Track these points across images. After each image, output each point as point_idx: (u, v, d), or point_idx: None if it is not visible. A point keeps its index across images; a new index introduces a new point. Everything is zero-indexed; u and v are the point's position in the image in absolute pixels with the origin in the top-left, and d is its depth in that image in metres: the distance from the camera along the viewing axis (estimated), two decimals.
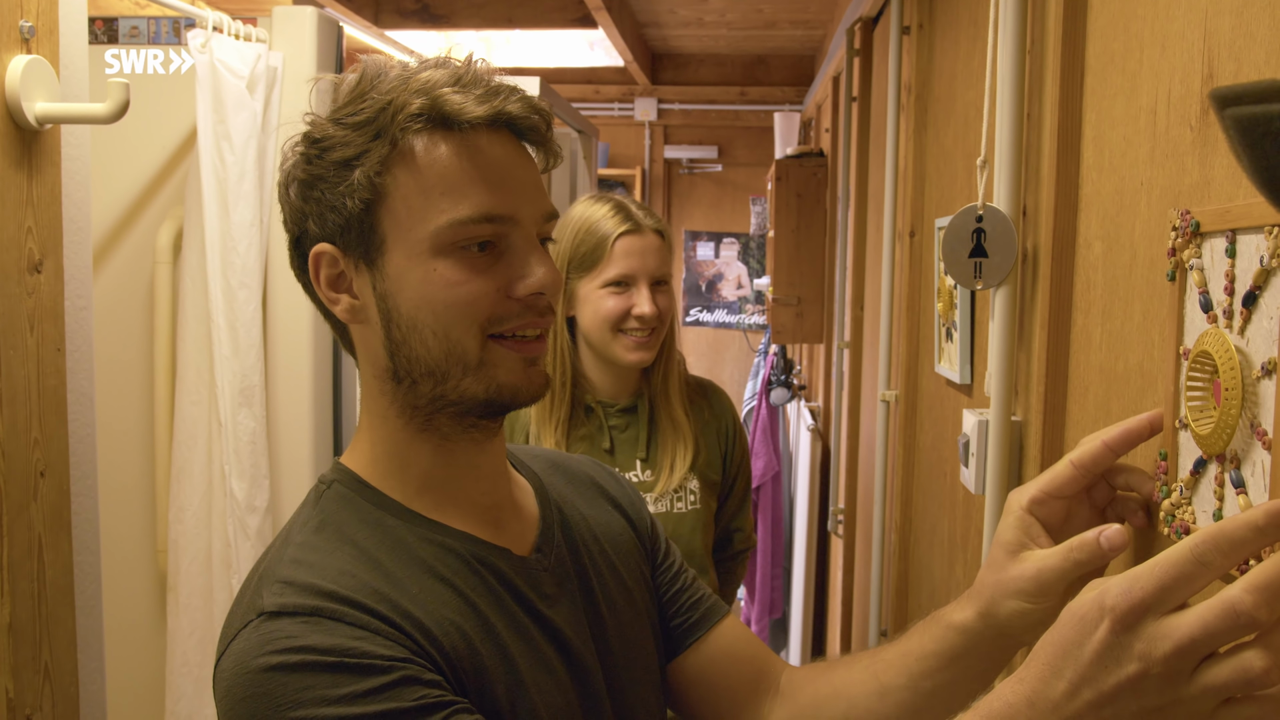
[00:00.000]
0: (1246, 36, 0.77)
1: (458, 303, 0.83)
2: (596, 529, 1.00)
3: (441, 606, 0.82)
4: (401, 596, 0.80)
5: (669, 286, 1.72)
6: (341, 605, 0.77)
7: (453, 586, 0.84)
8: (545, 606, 0.89)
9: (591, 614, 0.94)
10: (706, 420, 1.81)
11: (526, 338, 0.87)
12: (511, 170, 0.86)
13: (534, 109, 0.88)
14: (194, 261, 2.19)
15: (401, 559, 0.84)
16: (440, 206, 0.83)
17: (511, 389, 0.86)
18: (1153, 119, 0.94)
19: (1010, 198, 1.21)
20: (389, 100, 0.83)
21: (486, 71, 0.88)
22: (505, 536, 0.91)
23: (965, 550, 1.58)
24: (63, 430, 1.44)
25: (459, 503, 0.90)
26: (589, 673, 0.91)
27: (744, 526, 1.87)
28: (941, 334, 1.69)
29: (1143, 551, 0.93)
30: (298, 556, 0.82)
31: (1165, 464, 0.86)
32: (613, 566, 0.99)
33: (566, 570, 0.94)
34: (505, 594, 0.87)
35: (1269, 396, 0.70)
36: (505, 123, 0.86)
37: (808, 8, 4.13)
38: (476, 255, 0.84)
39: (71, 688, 1.47)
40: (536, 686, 0.85)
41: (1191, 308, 0.82)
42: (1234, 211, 0.75)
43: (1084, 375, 1.10)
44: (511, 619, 0.86)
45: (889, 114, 2.10)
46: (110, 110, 1.33)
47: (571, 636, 0.90)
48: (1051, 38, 1.15)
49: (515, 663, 0.84)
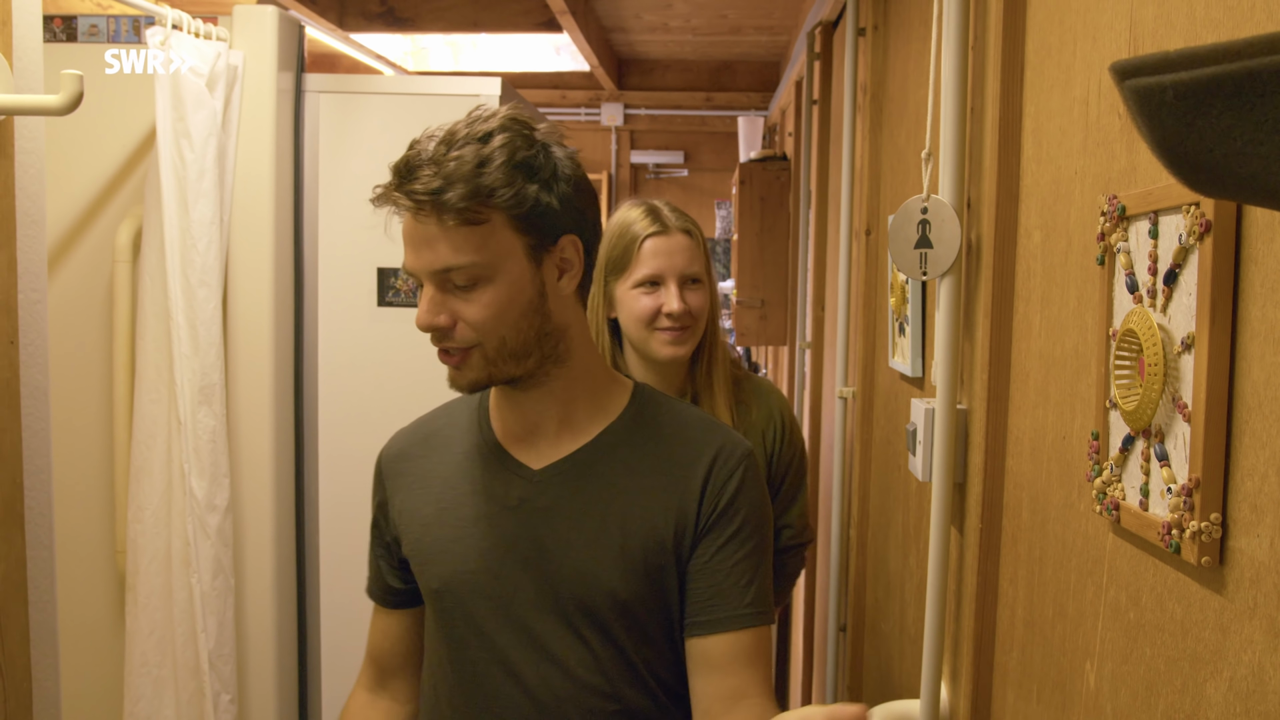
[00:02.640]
0: (1167, 25, 0.80)
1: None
2: (621, 484, 1.20)
3: (436, 470, 1.25)
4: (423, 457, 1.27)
5: (703, 284, 1.76)
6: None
7: (451, 465, 1.25)
8: (512, 501, 1.20)
9: (544, 528, 1.19)
10: (753, 419, 1.83)
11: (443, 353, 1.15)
12: (410, 234, 1.12)
13: (429, 178, 1.08)
14: (153, 260, 2.18)
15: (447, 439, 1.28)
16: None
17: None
18: (1085, 109, 0.96)
19: (954, 190, 1.24)
20: None
21: (425, 152, 1.10)
22: (530, 452, 1.22)
23: (918, 542, 1.61)
24: (16, 423, 1.44)
25: (511, 420, 1.23)
26: (509, 557, 1.19)
27: (793, 523, 1.88)
28: (895, 329, 1.71)
29: (1076, 539, 0.95)
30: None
31: (1097, 443, 0.89)
32: (607, 508, 1.19)
33: (558, 488, 1.20)
34: (486, 485, 1.22)
35: (1189, 370, 0.73)
36: (397, 203, 1.10)
37: (772, 14, 4.17)
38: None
39: (25, 684, 1.46)
40: (463, 539, 1.20)
41: (1119, 289, 0.85)
42: (1155, 193, 0.78)
43: (1025, 362, 1.13)
44: (481, 499, 1.21)
45: (845, 115, 2.13)
46: (62, 102, 1.33)
47: (511, 530, 1.19)
48: (993, 33, 1.18)
49: (457, 524, 1.21)
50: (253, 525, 2.37)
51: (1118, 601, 0.87)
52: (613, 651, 1.18)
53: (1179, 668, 0.75)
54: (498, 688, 1.19)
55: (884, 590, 1.89)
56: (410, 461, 1.28)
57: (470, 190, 1.06)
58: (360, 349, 2.50)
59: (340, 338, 2.50)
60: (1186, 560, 0.72)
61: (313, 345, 2.50)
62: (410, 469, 1.28)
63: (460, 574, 1.20)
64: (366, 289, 2.49)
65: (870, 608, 2.03)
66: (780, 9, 4.07)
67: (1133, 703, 0.83)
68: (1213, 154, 0.51)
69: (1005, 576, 1.18)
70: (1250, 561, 0.67)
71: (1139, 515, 0.80)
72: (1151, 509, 0.78)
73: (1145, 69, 0.51)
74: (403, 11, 3.90)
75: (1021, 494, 1.13)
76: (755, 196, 3.81)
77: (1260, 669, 0.65)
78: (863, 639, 2.09)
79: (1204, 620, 0.72)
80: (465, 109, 1.18)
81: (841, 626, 2.19)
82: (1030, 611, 1.09)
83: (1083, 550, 0.95)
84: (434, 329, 1.11)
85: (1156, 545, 0.77)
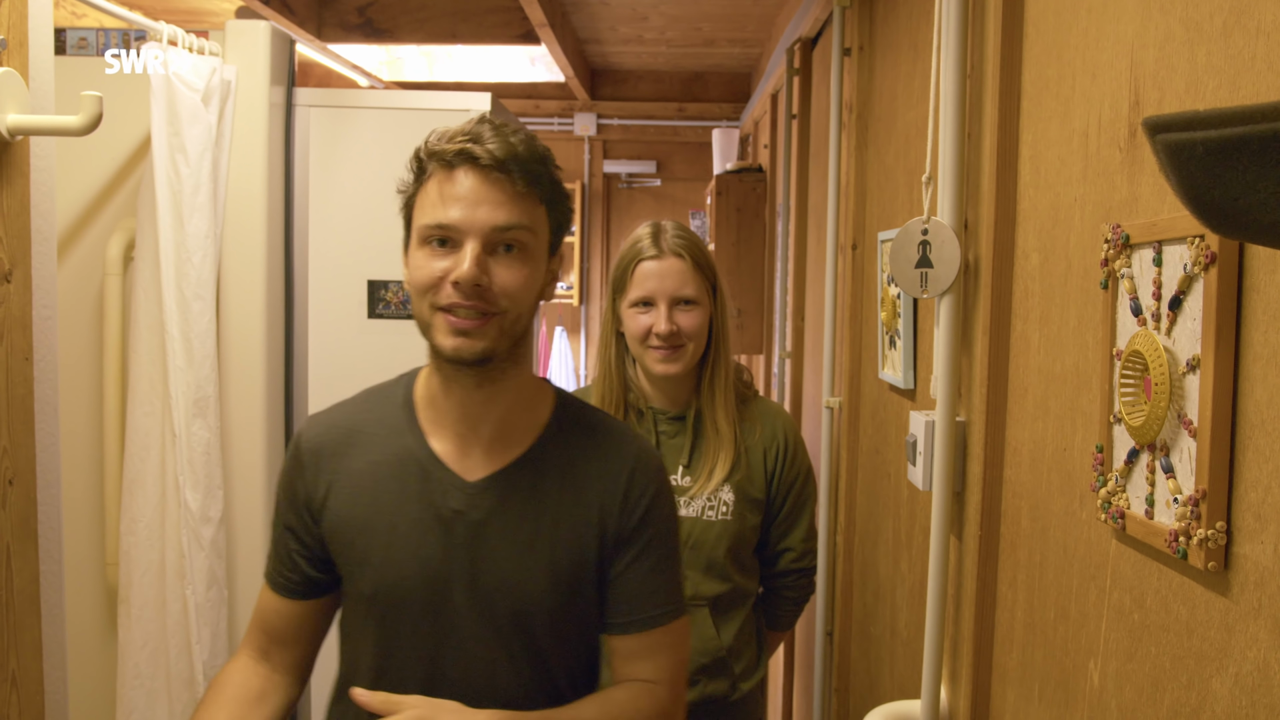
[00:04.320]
0: (1168, 69, 0.86)
1: (418, 283, 1.17)
2: (552, 497, 1.26)
3: (362, 470, 1.25)
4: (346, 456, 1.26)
5: (699, 305, 1.81)
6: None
7: (382, 468, 1.25)
8: (447, 513, 1.23)
9: (479, 541, 1.23)
10: (755, 439, 1.88)
11: (456, 315, 1.15)
12: (467, 193, 1.16)
13: (499, 148, 1.16)
14: (147, 273, 2.19)
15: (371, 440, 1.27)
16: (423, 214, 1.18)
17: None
18: (1085, 140, 1.02)
19: (953, 212, 1.30)
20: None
21: (482, 124, 1.18)
22: (463, 461, 1.24)
23: (910, 547, 1.67)
24: (30, 439, 1.45)
25: (444, 424, 1.25)
26: (444, 568, 1.22)
27: (795, 547, 1.91)
28: (885, 341, 1.77)
29: (1078, 546, 1.01)
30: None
31: (1101, 455, 0.94)
32: (538, 521, 1.25)
33: (493, 501, 1.23)
34: (420, 493, 1.23)
35: (1194, 390, 0.78)
36: (468, 158, 1.16)
37: (745, 27, 4.24)
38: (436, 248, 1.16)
39: (37, 695, 1.48)
40: (398, 547, 1.22)
41: (1123, 312, 0.91)
42: (1160, 225, 0.84)
43: (1023, 377, 1.19)
44: (414, 507, 1.24)
45: (831, 132, 2.19)
46: (83, 123, 1.35)
47: (445, 541, 1.22)
48: (990, 64, 1.24)
49: (391, 530, 1.23)
50: (244, 536, 2.38)
51: (1121, 604, 0.93)
52: (535, 661, 1.25)
53: (1184, 665, 0.81)
54: (418, 691, 1.23)
55: (873, 595, 1.95)
56: (334, 459, 1.28)
57: (537, 168, 1.19)
58: (351, 360, 2.52)
59: (331, 349, 2.52)
60: (1193, 565, 0.78)
61: (303, 357, 2.52)
62: (335, 467, 1.27)
63: (395, 582, 1.23)
64: (357, 301, 2.51)
65: (858, 612, 2.09)
66: (754, 23, 4.14)
67: (1138, 698, 0.89)
68: (1237, 203, 0.56)
69: (1004, 581, 1.24)
70: (1255, 566, 0.72)
71: (1145, 523, 0.86)
72: (1157, 517, 0.84)
73: (1176, 125, 0.56)
74: (381, 23, 3.92)
75: (1020, 502, 1.18)
76: (731, 207, 3.86)
77: (1265, 664, 0.71)
78: (849, 643, 2.15)
79: (1209, 620, 0.78)
80: (455, 123, 1.26)
81: (828, 632, 2.25)
82: (1030, 614, 1.15)
83: (1085, 556, 1.01)
84: (478, 284, 1.15)
85: (1163, 551, 0.83)
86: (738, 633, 1.88)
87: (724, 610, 1.88)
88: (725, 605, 1.88)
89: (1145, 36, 0.90)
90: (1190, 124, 0.56)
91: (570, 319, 5.65)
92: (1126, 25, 0.94)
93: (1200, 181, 0.56)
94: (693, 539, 1.87)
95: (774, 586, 1.95)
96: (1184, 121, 0.56)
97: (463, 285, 1.13)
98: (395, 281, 2.51)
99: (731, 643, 1.86)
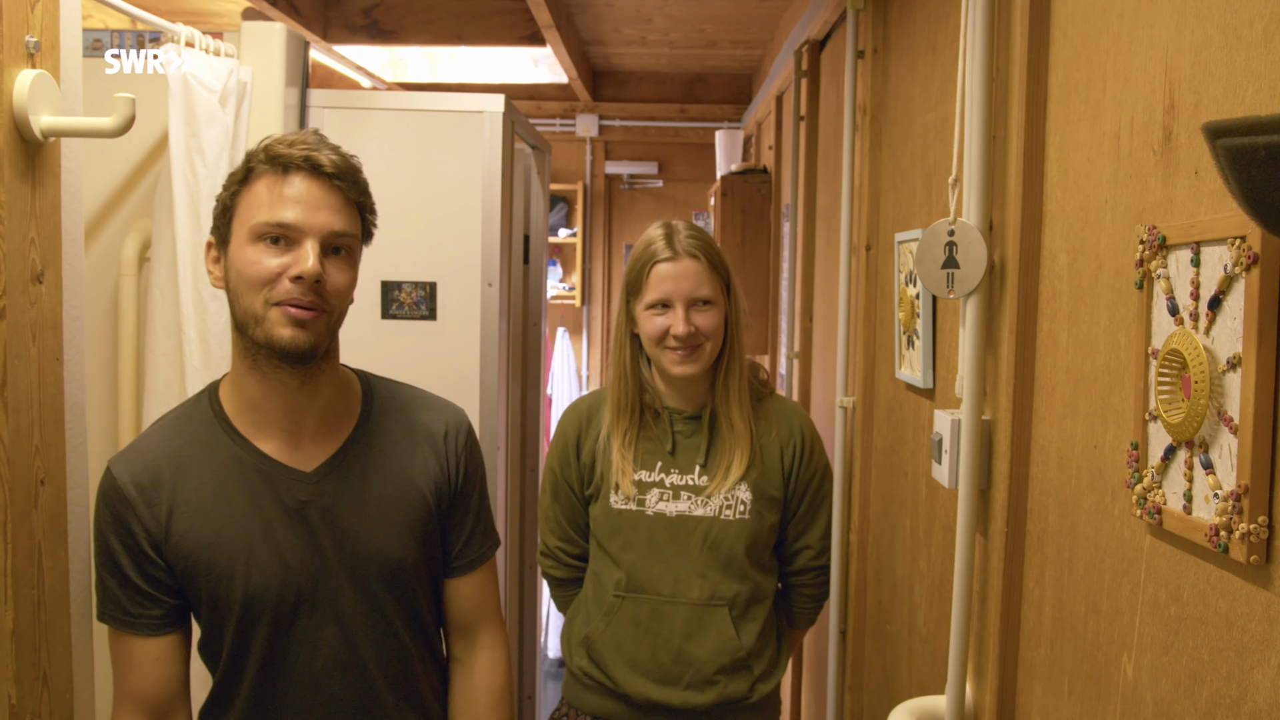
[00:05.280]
0: (1205, 73, 0.87)
1: (253, 277, 1.25)
2: (387, 468, 1.39)
3: (199, 490, 1.30)
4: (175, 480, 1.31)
5: (715, 305, 1.83)
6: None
7: (220, 481, 1.31)
8: (296, 506, 1.31)
9: (334, 521, 1.34)
10: (771, 438, 1.90)
11: (293, 307, 1.24)
12: (303, 196, 1.26)
13: (340, 160, 1.30)
14: (164, 273, 2.20)
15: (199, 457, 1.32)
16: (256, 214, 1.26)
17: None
18: (1116, 143, 1.04)
19: (979, 213, 1.31)
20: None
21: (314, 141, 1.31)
22: (295, 455, 1.33)
23: (929, 545, 1.68)
24: (60, 439, 1.46)
25: (267, 425, 1.32)
26: (311, 556, 1.32)
27: (813, 544, 1.95)
28: (902, 341, 1.79)
29: (1110, 541, 1.03)
30: (135, 440, 1.38)
31: (1136, 452, 0.96)
32: (382, 490, 1.38)
33: (335, 484, 1.34)
34: (264, 494, 1.31)
35: (1234, 387, 0.80)
36: (311, 165, 1.27)
37: (749, 28, 4.26)
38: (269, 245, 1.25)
39: (67, 694, 1.49)
40: (260, 548, 1.30)
41: (1159, 312, 0.93)
42: (1199, 225, 0.86)
43: (1051, 376, 1.20)
44: (262, 509, 1.30)
45: (845, 133, 2.21)
46: (116, 124, 1.36)
47: (303, 530, 1.32)
48: (1016, 67, 1.26)
49: (247, 539, 1.30)
50: None
51: (1157, 597, 0.94)
52: (410, 613, 1.41)
53: (1224, 657, 0.83)
54: (307, 682, 1.34)
55: (889, 593, 1.97)
56: (163, 488, 1.31)
57: (361, 183, 1.33)
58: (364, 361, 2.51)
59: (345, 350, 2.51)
60: (1234, 559, 0.80)
61: None
62: (168, 495, 1.30)
63: (264, 583, 1.30)
64: (370, 301, 2.52)
65: (873, 610, 2.10)
66: (757, 24, 4.16)
67: (1175, 691, 0.91)
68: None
69: (1031, 577, 1.25)
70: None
71: (1182, 518, 0.87)
72: (1196, 512, 0.86)
73: (1237, 130, 0.58)
74: (387, 24, 3.93)
75: (1048, 499, 1.20)
76: (736, 208, 3.88)
77: None
78: (864, 641, 2.17)
79: (1250, 613, 0.80)
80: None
81: (842, 630, 2.26)
82: (1059, 609, 1.17)
83: (1117, 551, 1.02)
84: (318, 279, 1.24)
85: (1202, 545, 0.85)
86: (759, 633, 1.89)
87: (743, 610, 1.90)
88: (744, 605, 1.90)
89: (1181, 41, 0.91)
90: (1252, 129, 0.57)
91: (572, 320, 5.66)
92: (1161, 30, 0.95)
93: (1261, 184, 0.58)
94: (711, 538, 1.88)
95: (793, 584, 1.97)
96: (1245, 126, 0.58)
97: (306, 279, 1.22)
98: (409, 282, 2.53)
99: (753, 644, 1.87)
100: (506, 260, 2.62)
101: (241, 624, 1.32)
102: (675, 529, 1.90)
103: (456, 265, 2.47)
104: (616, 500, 1.93)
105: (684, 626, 1.89)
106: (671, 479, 1.90)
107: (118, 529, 1.31)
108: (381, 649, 1.39)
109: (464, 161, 2.45)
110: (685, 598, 1.89)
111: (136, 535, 1.30)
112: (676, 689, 1.89)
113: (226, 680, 1.37)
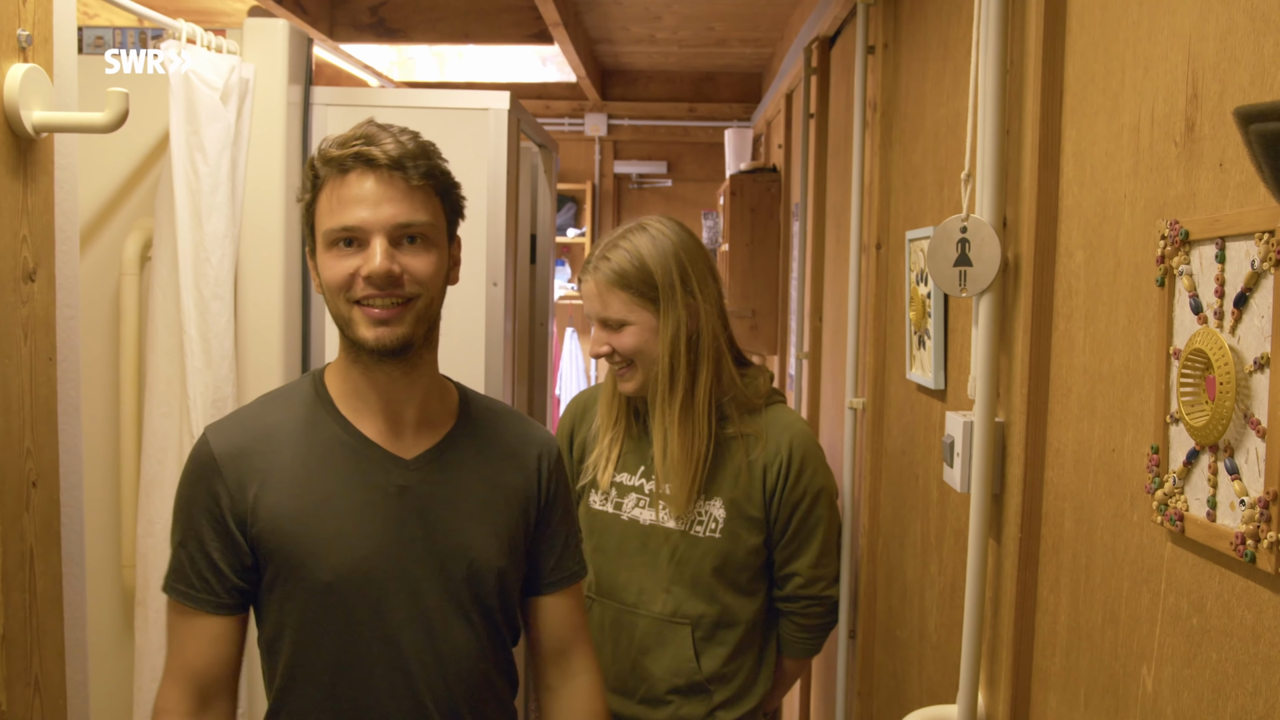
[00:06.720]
0: (1230, 60, 0.84)
1: (331, 282, 1.24)
2: (484, 470, 1.38)
3: (292, 464, 1.28)
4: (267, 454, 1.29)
5: (627, 325, 1.81)
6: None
7: (318, 458, 1.29)
8: (393, 490, 1.29)
9: (428, 511, 1.31)
10: (756, 455, 1.82)
11: (374, 306, 1.23)
12: (365, 194, 1.22)
13: (393, 147, 1.24)
14: (165, 273, 2.18)
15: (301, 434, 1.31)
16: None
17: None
18: (1135, 135, 1.00)
19: (992, 209, 1.28)
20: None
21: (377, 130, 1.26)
22: (396, 442, 1.32)
23: (940, 549, 1.65)
24: (53, 440, 1.44)
25: (369, 411, 1.31)
26: (401, 541, 1.29)
27: (800, 572, 1.85)
28: (914, 341, 1.75)
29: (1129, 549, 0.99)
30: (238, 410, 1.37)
31: (1156, 456, 0.92)
32: (479, 490, 1.36)
33: (435, 474, 1.33)
34: (361, 475, 1.29)
35: (1262, 389, 0.76)
36: (364, 160, 1.22)
37: (758, 26, 4.22)
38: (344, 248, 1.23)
39: (60, 700, 1.46)
40: (350, 529, 1.26)
41: (1181, 310, 0.89)
42: (1224, 220, 0.82)
43: (1066, 377, 1.17)
44: (357, 490, 1.28)
45: (855, 130, 2.17)
46: (109, 119, 1.34)
47: (398, 515, 1.29)
48: (1031, 59, 1.22)
49: (339, 516, 1.27)
50: None
51: (1178, 608, 0.91)
52: (488, 619, 1.36)
53: (1250, 671, 0.79)
54: (385, 672, 1.29)
55: (899, 598, 1.93)
56: (256, 458, 1.28)
57: (429, 163, 1.26)
58: None
59: None
60: (1261, 569, 0.76)
61: (320, 357, 2.51)
62: (261, 465, 1.27)
63: (355, 563, 1.26)
64: None
65: (883, 615, 2.07)
66: (766, 22, 4.12)
67: (1197, 705, 0.87)
68: None
69: (1046, 584, 1.22)
70: None
71: (1206, 526, 0.84)
72: (1220, 520, 0.82)
73: (1272, 114, 0.54)
74: (394, 22, 3.91)
75: (1063, 505, 1.16)
76: (746, 208, 3.85)
77: None
78: (874, 646, 2.13)
79: (1279, 625, 0.76)
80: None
81: (851, 633, 2.23)
82: (1075, 618, 1.13)
83: (1136, 559, 0.99)
84: (390, 273, 1.21)
85: (1226, 554, 0.81)
86: (726, 659, 1.83)
87: (709, 632, 1.83)
88: (710, 627, 1.83)
89: (1205, 29, 0.88)
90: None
91: (580, 319, 5.63)
92: (1183, 18, 0.92)
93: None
94: (679, 553, 1.84)
95: (783, 611, 1.92)
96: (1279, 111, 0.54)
97: (375, 277, 1.20)
98: None
99: (716, 669, 1.82)
100: (512, 259, 2.59)
101: (320, 607, 1.27)
102: (646, 538, 1.86)
103: (461, 264, 2.42)
104: (596, 500, 1.91)
105: (642, 640, 1.85)
106: (650, 485, 1.87)
107: (204, 496, 1.28)
108: (459, 649, 1.33)
109: (468, 159, 2.42)
110: (648, 610, 1.84)
111: (221, 504, 1.27)
112: (631, 702, 1.86)
113: (285, 679, 1.31)
